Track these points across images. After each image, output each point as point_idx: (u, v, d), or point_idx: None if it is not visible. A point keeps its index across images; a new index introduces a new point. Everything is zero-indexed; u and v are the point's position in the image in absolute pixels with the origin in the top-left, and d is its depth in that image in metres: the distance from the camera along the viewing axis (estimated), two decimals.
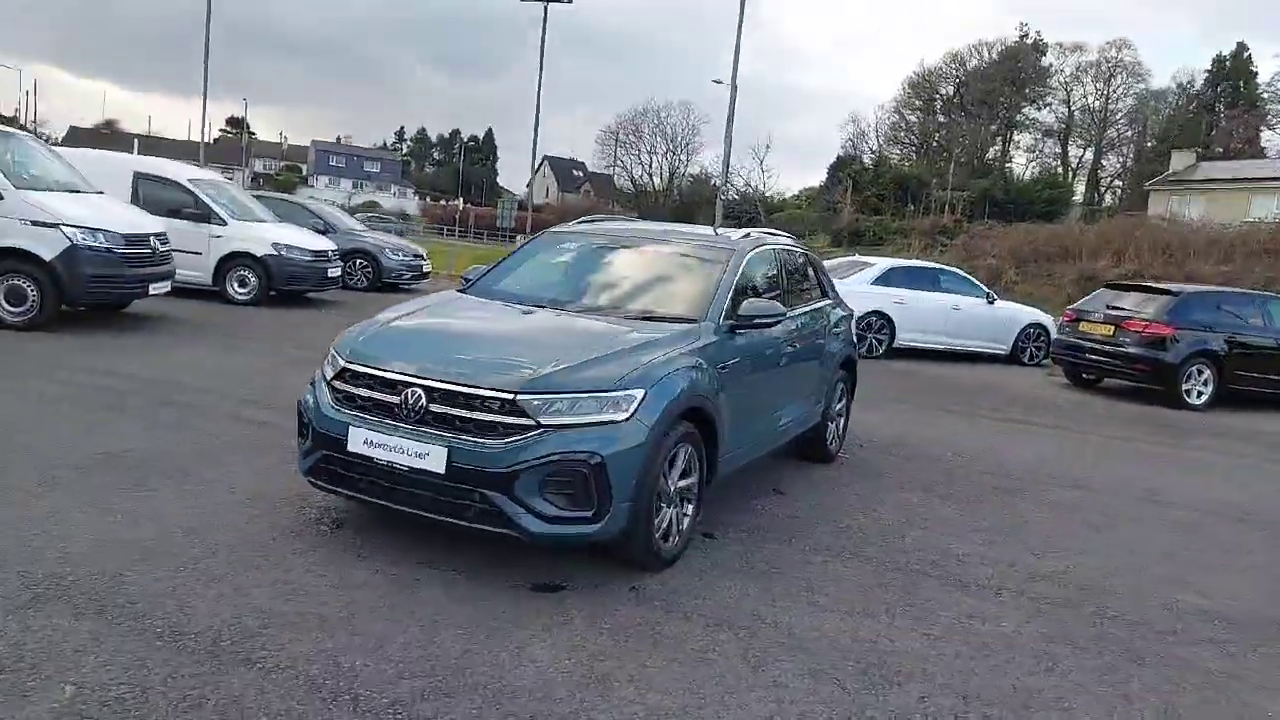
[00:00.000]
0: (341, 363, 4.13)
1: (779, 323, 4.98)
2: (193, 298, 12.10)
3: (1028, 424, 9.29)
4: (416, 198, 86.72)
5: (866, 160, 62.64)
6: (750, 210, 55.69)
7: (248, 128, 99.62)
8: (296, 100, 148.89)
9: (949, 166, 56.81)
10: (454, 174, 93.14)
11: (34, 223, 8.65)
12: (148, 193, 12.13)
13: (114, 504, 4.34)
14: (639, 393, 3.87)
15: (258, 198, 14.64)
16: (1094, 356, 11.78)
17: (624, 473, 3.77)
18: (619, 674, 3.21)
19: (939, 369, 12.98)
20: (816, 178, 60.66)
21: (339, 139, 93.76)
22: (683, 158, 66.26)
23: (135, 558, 3.75)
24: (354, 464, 3.92)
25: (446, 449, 3.71)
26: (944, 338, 13.77)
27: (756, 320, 4.80)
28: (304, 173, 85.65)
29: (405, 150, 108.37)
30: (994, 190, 51.98)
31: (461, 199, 73.61)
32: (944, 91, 69.93)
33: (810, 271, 6.31)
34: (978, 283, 14.72)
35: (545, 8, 31.91)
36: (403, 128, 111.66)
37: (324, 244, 13.33)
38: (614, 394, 3.83)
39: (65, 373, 7.09)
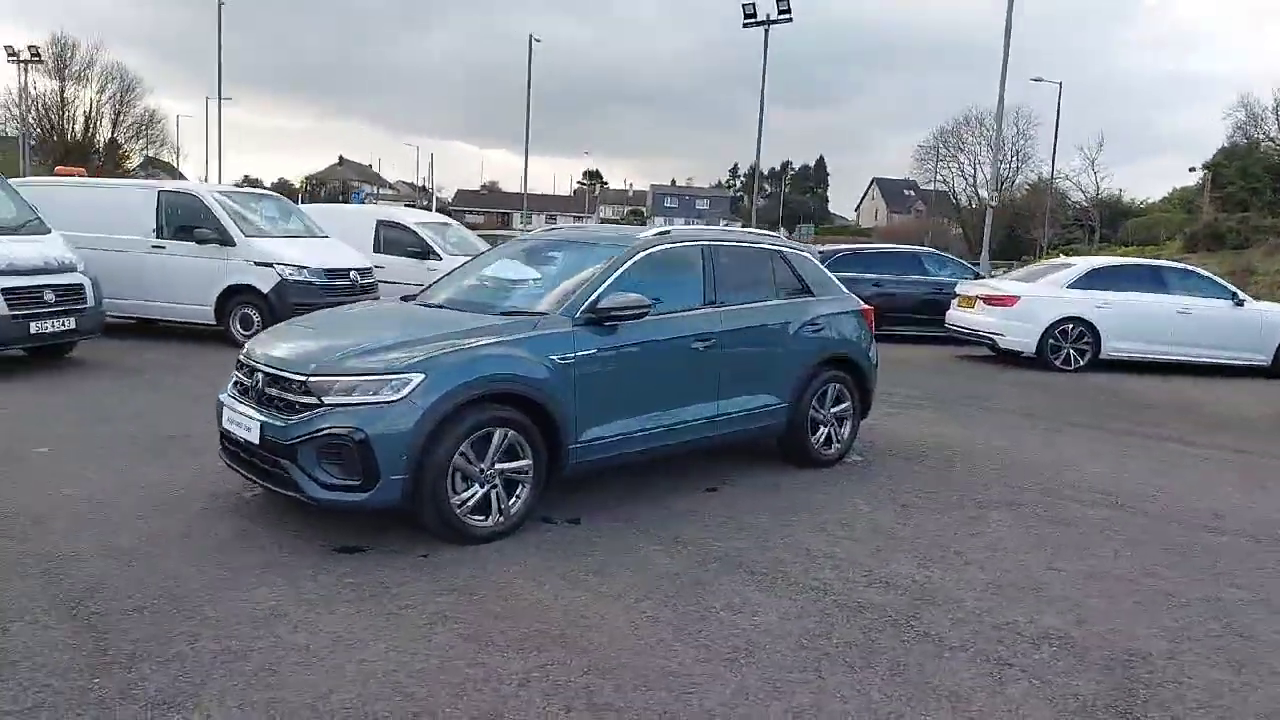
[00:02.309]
0: (239, 356, 5.02)
1: (644, 315, 5.01)
2: None
3: (1171, 442, 7.80)
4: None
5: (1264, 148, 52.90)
6: (1086, 218, 50.27)
7: (600, 178, 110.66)
8: (646, 150, 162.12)
9: None
10: (781, 204, 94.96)
11: (256, 263, 10.90)
12: (386, 235, 14.42)
13: (122, 469, 5.59)
14: (417, 377, 4.27)
15: (485, 237, 16.59)
16: None
17: (392, 449, 4.18)
18: (296, 616, 3.64)
19: (1144, 383, 11.12)
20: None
21: (673, 181, 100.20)
22: (1012, 165, 60.95)
23: (77, 509, 4.85)
24: (226, 437, 4.76)
25: (260, 423, 4.41)
26: (1168, 347, 11.69)
27: (614, 313, 4.91)
28: (645, 215, 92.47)
29: (738, 186, 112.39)
30: None
31: (783, 228, 75.11)
32: None
33: (776, 267, 6.11)
34: (1222, 281, 12.28)
35: (766, 31, 32.18)
36: (736, 164, 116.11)
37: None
38: (389, 377, 4.27)
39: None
